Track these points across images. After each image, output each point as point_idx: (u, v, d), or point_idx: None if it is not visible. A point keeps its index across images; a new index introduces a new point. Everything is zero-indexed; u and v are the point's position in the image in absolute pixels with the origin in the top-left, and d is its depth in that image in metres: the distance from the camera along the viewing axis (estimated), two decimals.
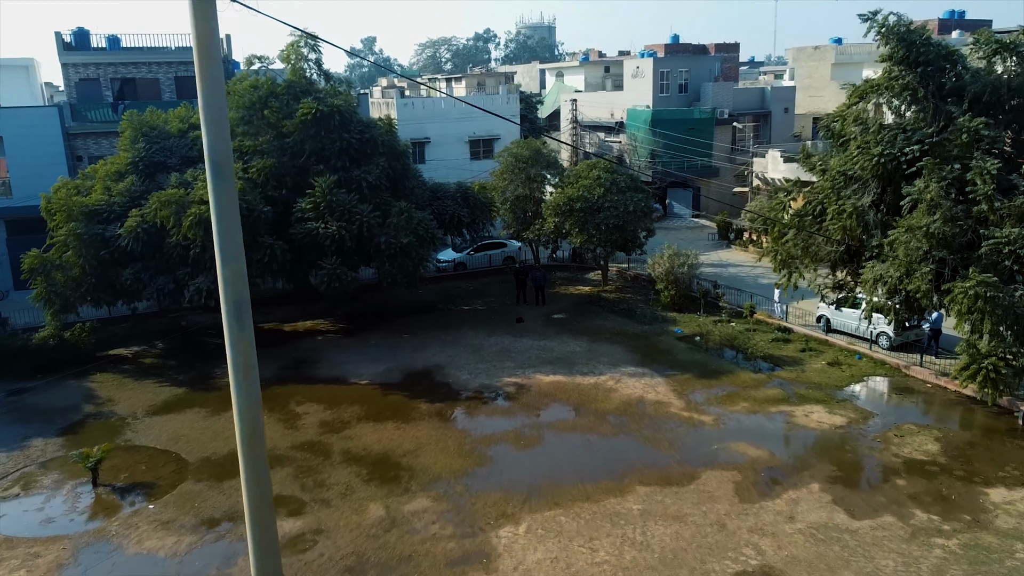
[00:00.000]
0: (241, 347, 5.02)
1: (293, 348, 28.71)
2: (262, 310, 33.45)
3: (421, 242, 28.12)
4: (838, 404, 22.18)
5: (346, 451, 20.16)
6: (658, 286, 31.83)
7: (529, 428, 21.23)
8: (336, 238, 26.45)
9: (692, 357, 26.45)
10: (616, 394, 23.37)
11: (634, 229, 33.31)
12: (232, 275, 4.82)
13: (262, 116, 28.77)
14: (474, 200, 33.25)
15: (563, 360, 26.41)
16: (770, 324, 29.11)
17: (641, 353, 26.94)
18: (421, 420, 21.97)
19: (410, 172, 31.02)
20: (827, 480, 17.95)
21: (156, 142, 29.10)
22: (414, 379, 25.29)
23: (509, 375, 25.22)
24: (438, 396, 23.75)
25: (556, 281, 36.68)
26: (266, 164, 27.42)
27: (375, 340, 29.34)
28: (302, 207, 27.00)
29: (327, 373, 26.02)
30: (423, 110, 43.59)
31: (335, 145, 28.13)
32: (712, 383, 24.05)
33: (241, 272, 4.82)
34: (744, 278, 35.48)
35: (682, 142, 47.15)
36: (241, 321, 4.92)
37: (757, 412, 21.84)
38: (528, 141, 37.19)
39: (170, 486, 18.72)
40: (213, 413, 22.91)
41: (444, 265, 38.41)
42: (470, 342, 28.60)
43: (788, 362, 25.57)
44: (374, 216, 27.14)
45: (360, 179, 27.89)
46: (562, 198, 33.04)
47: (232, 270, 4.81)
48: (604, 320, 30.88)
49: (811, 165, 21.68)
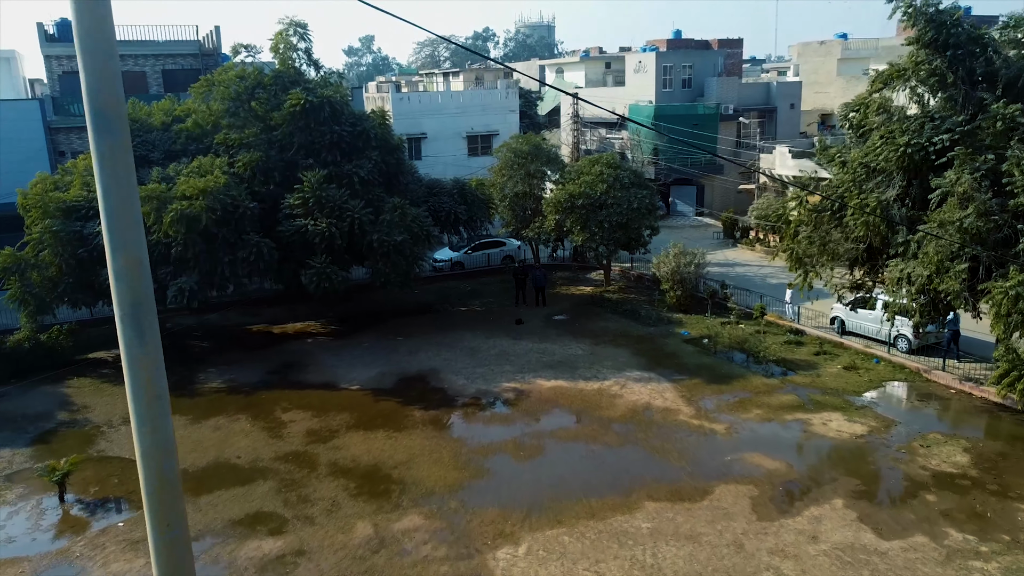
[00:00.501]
0: (142, 368, 3.60)
1: (281, 351, 27.38)
2: (251, 311, 32.21)
3: (416, 240, 26.82)
4: (857, 411, 20.87)
5: (333, 463, 18.83)
6: (663, 286, 30.52)
7: (529, 437, 19.91)
8: (326, 235, 25.15)
9: (700, 361, 25.13)
10: (621, 400, 22.06)
11: (638, 227, 31.99)
12: (127, 267, 3.47)
13: (249, 108, 27.45)
14: (472, 197, 31.95)
15: (565, 364, 25.10)
16: (781, 326, 27.80)
17: (647, 356, 25.62)
18: (414, 428, 20.65)
19: (405, 167, 29.71)
20: (851, 495, 16.63)
21: (138, 135, 27.76)
22: (408, 384, 23.97)
23: (508, 380, 23.91)
24: (433, 403, 22.43)
25: (557, 281, 35.38)
26: (252, 158, 26.11)
27: (368, 343, 28.02)
28: (290, 203, 25.70)
29: (316, 378, 24.69)
30: (419, 105, 42.28)
31: (325, 138, 26.83)
32: (723, 388, 22.74)
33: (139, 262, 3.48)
34: (752, 278, 34.18)
35: (686, 138, 45.81)
36: (141, 331, 3.58)
37: (772, 420, 20.52)
38: (527, 136, 35.90)
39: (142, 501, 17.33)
40: (193, 421, 21.58)
41: (441, 264, 37.09)
42: (467, 345, 27.28)
43: (802, 366, 24.26)
44: (366, 213, 25.83)
45: (351, 174, 26.58)
46: (563, 195, 31.73)
47: (127, 260, 3.46)
48: (607, 322, 29.56)
49: (829, 157, 20.38)
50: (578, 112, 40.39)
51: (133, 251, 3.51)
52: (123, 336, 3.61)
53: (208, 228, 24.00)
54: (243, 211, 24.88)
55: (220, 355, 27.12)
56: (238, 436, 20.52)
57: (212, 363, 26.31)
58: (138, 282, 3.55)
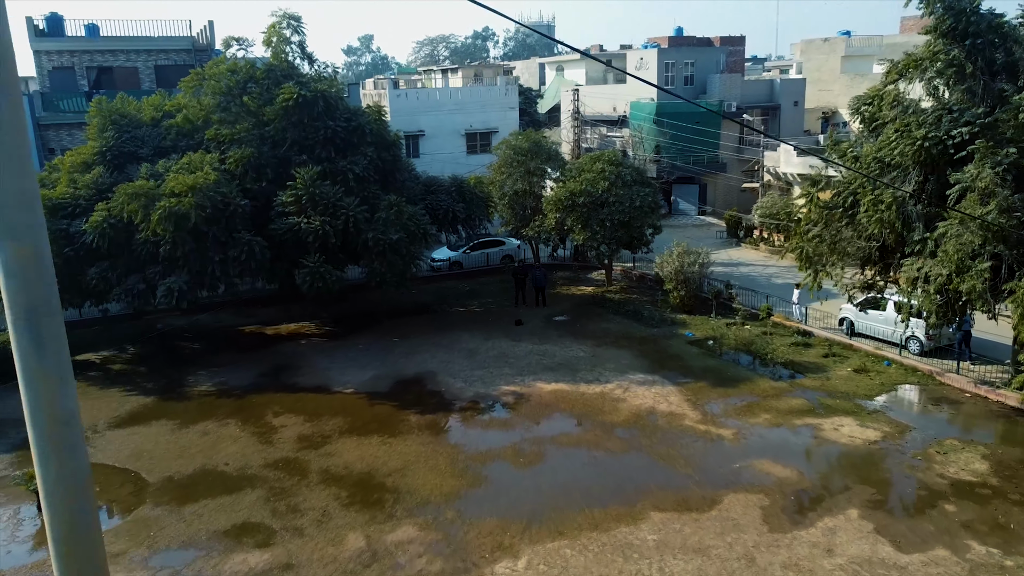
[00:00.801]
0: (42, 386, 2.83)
1: (274, 352, 26.61)
2: (244, 311, 31.44)
3: (412, 238, 26.06)
4: (870, 416, 20.11)
5: (325, 470, 18.06)
6: (666, 286, 29.76)
7: (529, 443, 19.14)
8: (319, 234, 24.39)
9: (706, 363, 24.37)
10: (624, 404, 21.29)
11: (640, 226, 31.24)
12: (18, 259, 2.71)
13: (241, 103, 26.69)
14: (470, 195, 31.19)
15: (565, 366, 24.34)
16: (788, 327, 27.04)
17: (650, 359, 24.86)
18: (410, 434, 19.88)
19: (401, 164, 28.95)
20: (866, 505, 15.87)
21: (127, 131, 27.02)
22: (403, 387, 23.20)
23: (507, 383, 23.15)
24: (429, 407, 21.67)
25: (557, 281, 34.62)
26: (244, 154, 25.35)
27: (363, 344, 27.25)
28: (282, 200, 24.94)
29: (309, 380, 23.92)
30: (417, 101, 41.52)
31: (319, 134, 26.07)
32: (729, 392, 21.97)
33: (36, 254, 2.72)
34: (757, 278, 33.42)
35: (688, 136, 45.06)
36: (39, 340, 2.81)
37: (781, 425, 19.76)
38: (527, 133, 35.14)
39: (125, 511, 16.61)
40: (181, 426, 20.81)
41: (439, 264, 36.33)
42: (465, 346, 26.52)
43: (811, 369, 23.49)
44: (361, 210, 25.07)
45: (346, 170, 25.82)
46: (564, 192, 30.98)
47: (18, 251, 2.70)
48: (609, 323, 28.80)
49: (840, 152, 19.62)
50: (579, 109, 39.61)
51: (26, 239, 2.74)
52: (17, 347, 2.84)
53: (198, 226, 23.25)
54: (234, 209, 24.14)
55: (211, 357, 26.35)
56: (227, 442, 19.74)
57: (203, 365, 25.54)
58: (36, 279, 2.78)
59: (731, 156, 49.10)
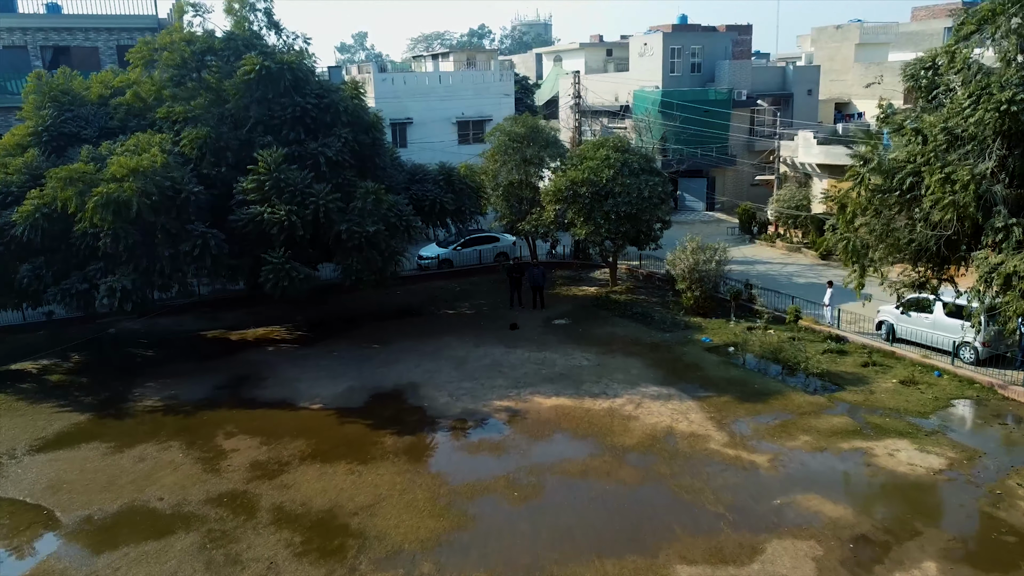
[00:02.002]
0: None
1: (236, 361, 23.44)
2: (209, 314, 28.29)
3: (392, 231, 22.93)
4: (928, 438, 17.00)
5: (278, 507, 14.90)
6: (679, 286, 26.64)
7: (525, 473, 16.00)
8: (285, 225, 21.24)
9: (728, 373, 21.27)
10: (637, 423, 18.17)
11: (648, 219, 28.14)
12: None
13: (199, 78, 23.55)
14: (460, 184, 28.05)
15: (567, 377, 21.22)
16: (818, 332, 23.94)
17: (664, 368, 21.76)
18: (384, 460, 16.73)
19: (382, 148, 25.79)
20: (945, 556, 12.76)
21: (69, 109, 23.86)
22: (380, 402, 20.06)
23: (500, 397, 20.03)
24: (408, 426, 18.52)
25: (557, 281, 31.51)
26: (199, 134, 22.17)
27: (338, 351, 24.08)
28: (243, 187, 21.76)
29: (272, 394, 20.76)
30: (404, 87, 38.38)
31: (286, 112, 22.93)
32: (758, 408, 18.87)
33: None
34: (776, 277, 30.34)
35: (696, 126, 41.96)
36: None
37: (824, 449, 16.64)
38: (523, 117, 32.05)
39: (19, 561, 13.42)
40: (115, 449, 17.65)
41: (427, 262, 33.20)
42: (454, 354, 23.39)
43: (850, 380, 20.39)
44: (333, 198, 21.93)
45: (317, 153, 22.67)
46: (564, 182, 27.86)
47: None
48: (615, 327, 25.68)
49: (895, 125, 16.53)
50: (579, 92, 36.52)
51: None
52: None
53: (142, 216, 20.09)
54: (186, 197, 20.97)
55: (164, 366, 23.18)
56: (165, 470, 16.56)
57: (153, 375, 22.37)
58: None
59: (741, 148, 46.10)
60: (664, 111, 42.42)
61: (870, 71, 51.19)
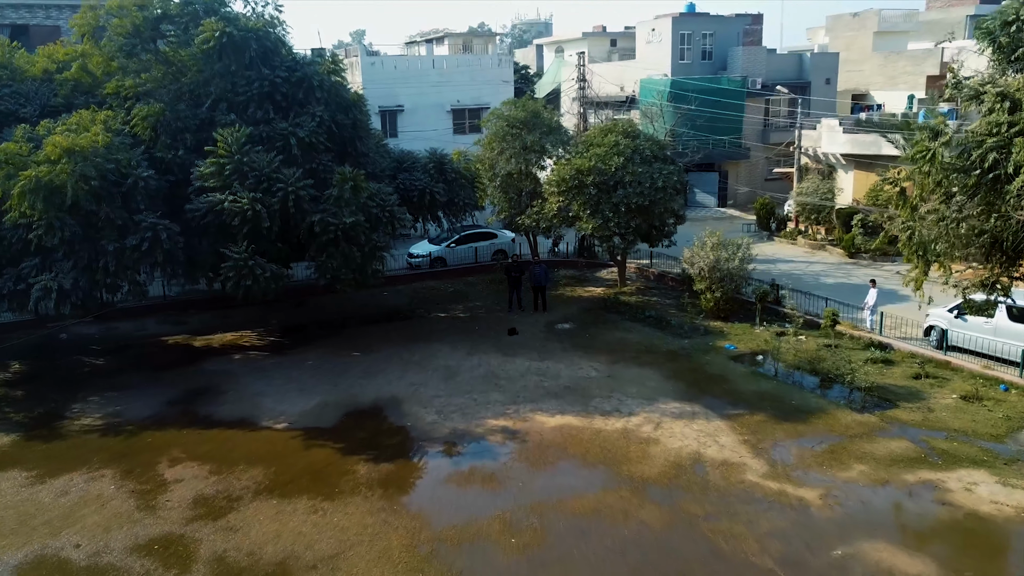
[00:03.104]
0: None
1: (196, 371, 20.59)
2: (175, 317, 25.45)
3: (374, 223, 20.11)
4: (1009, 468, 14.16)
5: (219, 558, 12.05)
6: (697, 286, 23.78)
7: (525, 512, 13.15)
8: (248, 215, 18.40)
9: (759, 386, 18.42)
10: (658, 448, 15.32)
11: (662, 212, 25.31)
12: None
13: (154, 49, 20.72)
14: (453, 173, 25.20)
15: (574, 391, 18.39)
16: (857, 338, 21.11)
17: (685, 380, 18.92)
18: (354, 495, 13.89)
19: (364, 131, 22.92)
20: None
21: (7, 85, 21.05)
22: (356, 421, 17.22)
23: (496, 415, 17.19)
24: (387, 451, 15.68)
25: (560, 281, 28.67)
26: (152, 111, 19.36)
27: (313, 360, 21.24)
28: (201, 172, 18.93)
29: (231, 411, 17.91)
30: (395, 72, 35.56)
31: (252, 87, 20.11)
32: (800, 429, 16.03)
33: None
34: (801, 276, 27.50)
35: (708, 117, 39.12)
36: None
37: (886, 482, 13.79)
38: (523, 101, 29.31)
39: None
40: (36, 480, 14.80)
41: (418, 261, 30.36)
42: (444, 363, 20.56)
43: (902, 395, 17.54)
44: (305, 185, 19.12)
45: (288, 134, 19.83)
46: (568, 171, 25.02)
47: None
48: (626, 332, 22.84)
49: (971, 93, 13.70)
50: (584, 75, 33.70)
51: None
52: None
53: (80, 204, 17.29)
54: (134, 182, 18.17)
55: (113, 377, 20.33)
56: (91, 507, 13.71)
57: (98, 388, 19.51)
58: None
59: (755, 140, 43.32)
60: (673, 100, 39.57)
61: (889, 61, 48.52)
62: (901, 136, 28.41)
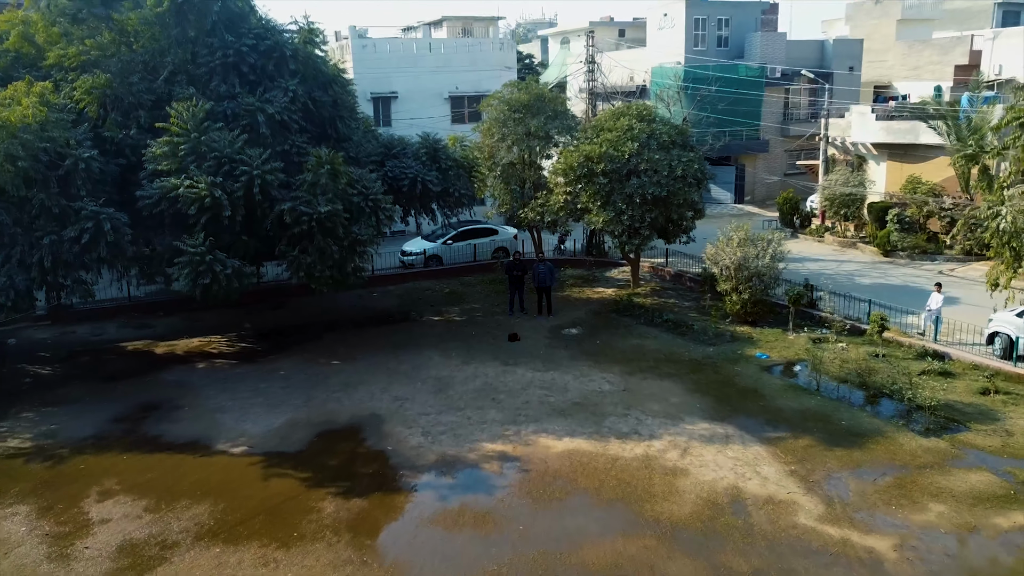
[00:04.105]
0: None
1: (152, 383, 18.01)
2: (138, 321, 22.87)
3: (355, 214, 17.55)
4: None
5: None
6: (721, 286, 21.14)
7: (527, 567, 10.54)
8: (206, 203, 15.84)
9: (800, 403, 15.79)
10: (687, 481, 12.70)
11: (681, 204, 22.69)
12: None
13: (105, 14, 18.18)
14: (448, 161, 22.60)
15: (584, 408, 15.78)
16: (907, 346, 18.48)
17: (713, 395, 16.29)
18: (316, 541, 11.28)
19: (347, 111, 20.38)
20: None
21: None
22: (328, 444, 14.62)
23: (493, 437, 14.59)
24: (361, 482, 13.09)
25: (566, 281, 26.04)
26: (96, 82, 16.85)
27: (286, 369, 18.66)
28: (152, 153, 16.39)
29: (185, 430, 15.33)
30: (388, 55, 32.96)
31: (215, 56, 17.60)
32: (856, 457, 13.39)
33: None
34: (834, 276, 24.83)
35: (724, 106, 36.47)
36: None
37: (974, 529, 11.15)
38: (527, 83, 26.73)
39: None
40: None
41: (411, 259, 27.77)
42: (435, 374, 17.97)
43: (971, 415, 14.88)
44: (272, 168, 16.56)
45: (255, 110, 17.27)
46: (576, 158, 22.42)
47: None
48: (643, 338, 20.22)
49: None
50: (593, 58, 31.07)
51: None
52: None
53: (7, 189, 14.77)
54: (73, 164, 15.65)
55: (56, 389, 17.76)
56: None
57: (36, 402, 16.94)
58: None
59: (774, 132, 40.69)
60: (688, 89, 36.92)
61: (913, 50, 45.90)
62: (944, 122, 25.92)
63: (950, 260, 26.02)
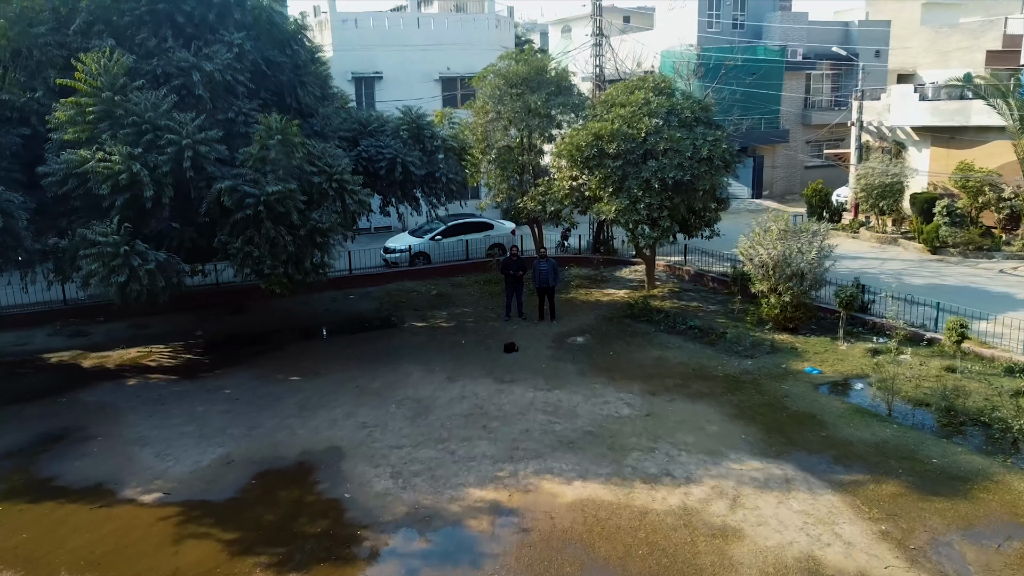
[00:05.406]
0: None
1: (66, 404, 14.68)
2: (73, 328, 19.46)
3: (316, 196, 14.22)
4: None
5: None
6: (756, 287, 17.83)
7: None
8: (122, 181, 12.52)
9: (873, 432, 12.47)
10: (742, 547, 9.37)
11: (706, 191, 19.43)
12: None
13: None
14: (434, 140, 19.30)
15: (598, 438, 12.46)
16: (988, 358, 15.17)
17: (760, 422, 12.97)
18: None
19: (311, 76, 17.02)
20: None
21: None
22: (268, 490, 11.26)
23: (482, 480, 11.25)
24: (304, 547, 9.74)
25: (571, 281, 22.76)
26: None
27: (233, 387, 15.33)
28: (57, 118, 13.07)
29: (88, 470, 11.98)
30: (372, 32, 29.72)
31: (142, 2, 14.23)
32: (962, 510, 10.07)
33: None
34: (878, 276, 21.61)
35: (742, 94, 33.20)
36: None
37: None
38: (526, 53, 23.52)
39: None
40: None
41: (395, 256, 24.52)
42: (413, 393, 14.66)
43: None
44: (207, 138, 13.23)
45: (189, 68, 13.95)
46: (584, 137, 19.14)
47: None
48: (664, 349, 16.91)
49: None
50: (602, 30, 27.81)
51: None
52: None
53: None
54: None
55: None
56: None
57: None
58: None
59: (794, 121, 37.51)
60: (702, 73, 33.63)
61: (941, 35, 42.75)
62: (1006, 100, 22.68)
63: (1010, 258, 22.80)
